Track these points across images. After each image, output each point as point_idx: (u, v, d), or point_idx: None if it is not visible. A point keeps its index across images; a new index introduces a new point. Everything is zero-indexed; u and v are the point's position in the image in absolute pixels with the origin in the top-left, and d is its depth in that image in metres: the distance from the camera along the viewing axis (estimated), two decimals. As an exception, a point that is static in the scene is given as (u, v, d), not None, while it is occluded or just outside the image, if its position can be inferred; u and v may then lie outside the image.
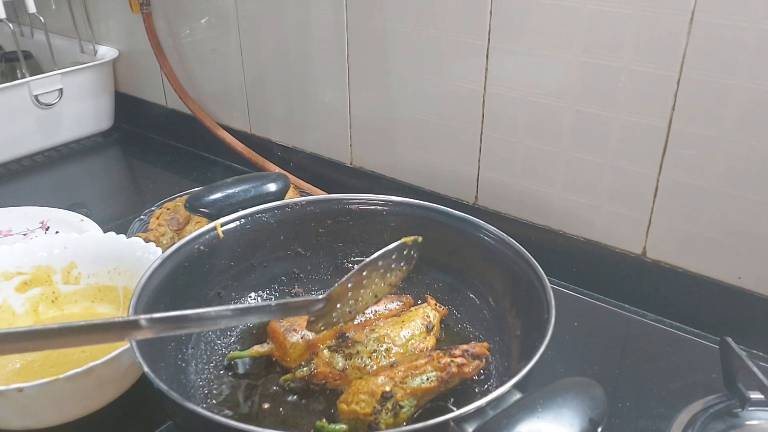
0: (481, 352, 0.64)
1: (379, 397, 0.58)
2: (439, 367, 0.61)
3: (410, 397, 0.60)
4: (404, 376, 0.60)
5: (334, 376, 0.64)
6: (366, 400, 0.58)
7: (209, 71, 1.20)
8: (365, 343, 0.66)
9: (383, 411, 0.58)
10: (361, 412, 0.58)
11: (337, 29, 0.97)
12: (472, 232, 0.72)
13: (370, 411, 0.58)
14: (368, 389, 0.59)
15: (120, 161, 1.35)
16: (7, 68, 1.39)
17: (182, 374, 0.65)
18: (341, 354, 0.65)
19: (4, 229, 0.96)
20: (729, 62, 0.68)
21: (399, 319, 0.70)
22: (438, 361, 0.61)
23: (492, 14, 0.82)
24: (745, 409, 0.63)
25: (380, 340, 0.66)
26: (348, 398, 0.59)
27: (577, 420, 0.45)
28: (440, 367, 0.61)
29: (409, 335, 0.67)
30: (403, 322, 0.69)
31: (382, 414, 0.58)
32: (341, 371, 0.64)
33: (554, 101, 0.80)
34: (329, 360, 0.64)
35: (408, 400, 0.59)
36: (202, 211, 0.74)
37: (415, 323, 0.69)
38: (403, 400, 0.59)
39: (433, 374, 0.61)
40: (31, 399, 0.59)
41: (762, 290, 0.74)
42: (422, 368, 0.61)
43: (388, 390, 0.59)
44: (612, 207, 0.81)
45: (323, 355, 0.65)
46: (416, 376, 0.60)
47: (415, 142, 0.96)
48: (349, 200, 0.78)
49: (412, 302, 0.75)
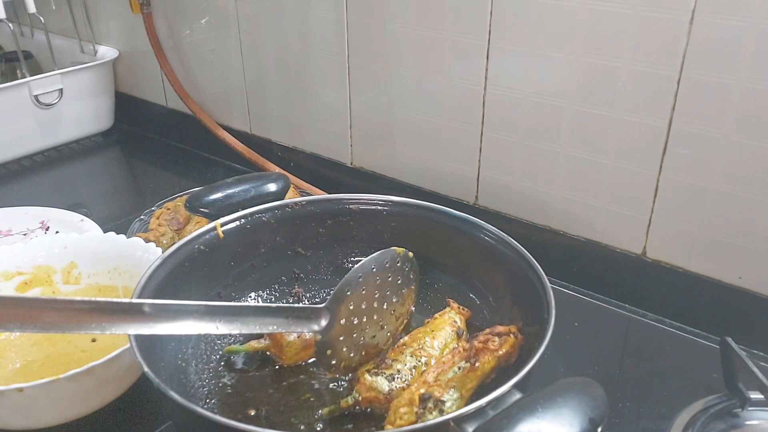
0: (504, 330, 0.62)
1: (417, 402, 0.57)
2: (464, 355, 0.60)
3: (449, 390, 0.58)
4: (437, 375, 0.59)
5: (380, 401, 0.61)
6: (407, 411, 0.56)
7: (209, 71, 1.20)
8: (403, 360, 0.64)
9: (426, 412, 0.56)
10: (407, 423, 0.56)
11: (337, 29, 0.97)
12: (472, 232, 0.72)
13: (414, 418, 0.56)
14: (405, 400, 0.57)
15: (120, 161, 1.35)
16: (7, 68, 1.39)
17: (182, 374, 0.65)
18: (383, 376, 0.62)
19: (4, 229, 0.96)
20: (729, 62, 0.68)
21: (426, 329, 0.67)
22: (463, 350, 0.60)
23: (492, 14, 0.82)
24: (745, 409, 0.63)
25: (417, 354, 0.64)
26: (391, 418, 0.57)
27: (577, 420, 0.45)
28: (465, 354, 0.60)
29: (442, 344, 0.65)
30: (433, 331, 0.67)
31: (426, 415, 0.56)
32: (387, 394, 0.61)
33: (554, 101, 0.80)
34: (372, 385, 0.61)
35: (449, 394, 0.58)
36: (202, 211, 0.74)
37: (444, 331, 0.67)
38: (443, 395, 0.57)
39: (462, 363, 0.59)
40: (31, 399, 0.59)
41: (762, 290, 0.74)
42: (450, 362, 0.60)
43: (424, 392, 0.57)
44: (612, 207, 0.81)
45: (365, 380, 0.61)
46: (447, 371, 0.59)
47: (415, 142, 0.96)
48: (349, 200, 0.78)
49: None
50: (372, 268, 0.64)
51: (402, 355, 0.64)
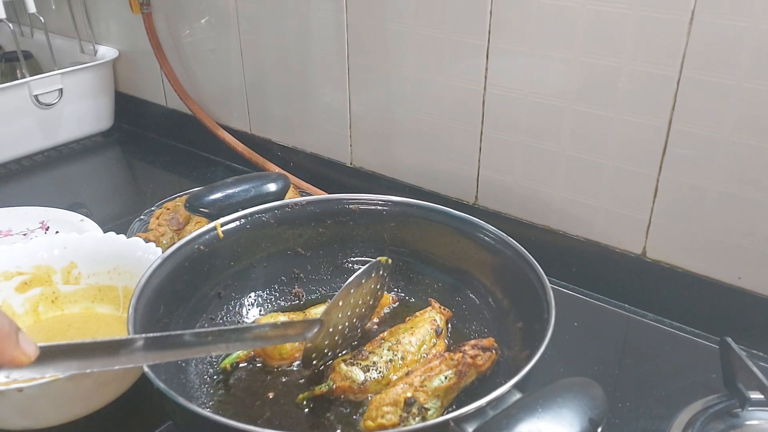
0: (489, 344, 0.64)
1: (402, 404, 0.58)
2: (453, 364, 0.61)
3: (433, 398, 0.59)
4: (422, 380, 0.60)
5: (353, 390, 0.63)
6: (391, 411, 0.58)
7: (209, 71, 1.20)
8: (379, 353, 0.65)
9: (410, 417, 0.57)
10: (389, 423, 0.57)
11: (337, 29, 0.97)
12: (472, 232, 0.72)
13: (397, 420, 0.57)
14: (390, 400, 0.58)
15: (120, 161, 1.35)
16: (7, 68, 1.39)
17: (182, 374, 0.65)
18: (358, 366, 0.64)
19: (4, 229, 0.96)
20: (729, 62, 0.68)
21: (406, 326, 0.69)
22: (451, 359, 0.62)
23: (492, 14, 0.82)
24: (744, 409, 0.63)
25: (393, 349, 0.66)
26: (372, 414, 0.58)
27: (577, 420, 0.45)
28: (454, 363, 0.61)
29: (420, 341, 0.67)
30: (412, 328, 0.68)
31: (409, 420, 0.57)
32: (361, 384, 0.63)
33: (554, 101, 0.80)
34: (347, 374, 0.63)
35: (432, 402, 0.59)
36: (202, 211, 0.74)
37: (423, 329, 0.68)
38: (427, 402, 0.59)
39: (449, 372, 0.61)
40: (31, 399, 0.59)
41: (762, 290, 0.74)
42: (437, 368, 0.61)
43: (410, 396, 0.58)
44: (612, 207, 0.81)
45: (340, 369, 0.63)
46: (434, 377, 0.60)
47: (415, 142, 0.96)
48: (349, 200, 0.78)
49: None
50: (362, 281, 0.66)
51: (380, 348, 0.66)
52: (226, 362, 0.67)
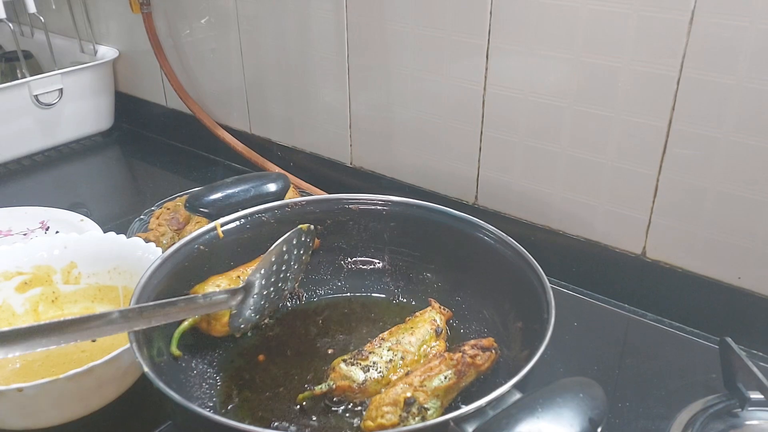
0: (488, 344, 0.64)
1: (402, 404, 0.58)
2: (452, 364, 0.61)
3: (433, 398, 0.59)
4: (422, 380, 0.60)
5: (353, 390, 0.63)
6: (391, 411, 0.58)
7: (209, 71, 1.20)
8: (379, 353, 0.65)
9: (410, 417, 0.57)
10: (389, 423, 0.57)
11: (337, 29, 0.97)
12: (472, 232, 0.72)
13: (397, 420, 0.57)
14: (390, 400, 0.58)
15: (120, 161, 1.35)
16: (7, 68, 1.39)
17: (182, 374, 0.65)
18: (358, 366, 0.64)
19: (4, 229, 0.96)
20: (729, 62, 0.68)
21: (406, 326, 0.69)
22: (450, 359, 0.62)
23: (492, 14, 0.82)
24: (744, 409, 0.63)
25: (393, 349, 0.66)
26: (372, 414, 0.58)
27: (577, 420, 0.45)
28: (454, 363, 0.61)
29: (419, 341, 0.67)
30: (412, 328, 0.68)
31: (409, 420, 0.57)
32: (361, 384, 0.63)
33: (554, 101, 0.80)
34: (347, 374, 0.63)
35: (432, 402, 0.59)
36: (202, 211, 0.74)
37: (423, 329, 0.68)
38: (427, 402, 0.59)
39: (449, 372, 0.61)
40: (31, 399, 0.59)
41: (762, 290, 0.74)
42: (437, 368, 0.61)
43: (410, 396, 0.58)
44: (612, 207, 0.81)
45: (340, 369, 0.63)
46: (433, 377, 0.60)
47: (415, 142, 0.96)
48: (349, 200, 0.78)
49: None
50: (283, 248, 0.68)
51: (380, 348, 0.66)
52: (175, 343, 0.66)
